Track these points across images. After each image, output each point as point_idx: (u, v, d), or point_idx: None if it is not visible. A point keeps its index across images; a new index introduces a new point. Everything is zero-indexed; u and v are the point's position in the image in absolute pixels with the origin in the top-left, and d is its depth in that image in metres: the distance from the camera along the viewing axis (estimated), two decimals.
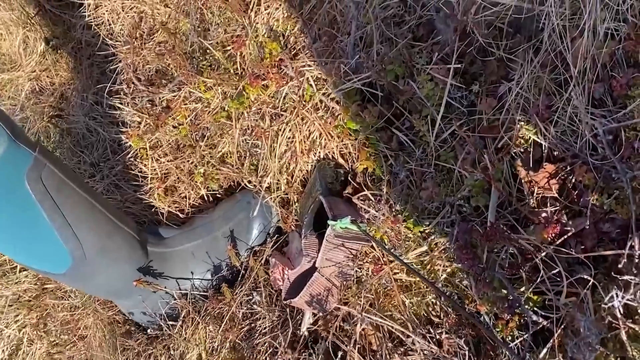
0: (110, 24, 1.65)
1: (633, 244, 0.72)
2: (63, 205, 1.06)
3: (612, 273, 0.74)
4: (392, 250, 0.97)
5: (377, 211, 0.97)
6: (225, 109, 1.30)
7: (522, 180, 0.93)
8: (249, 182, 1.32)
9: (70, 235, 1.09)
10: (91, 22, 1.67)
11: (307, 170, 1.20)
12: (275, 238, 1.28)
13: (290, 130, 1.17)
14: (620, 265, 0.72)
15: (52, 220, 1.05)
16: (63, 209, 1.06)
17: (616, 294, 0.69)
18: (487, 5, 0.93)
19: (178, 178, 1.43)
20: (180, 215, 1.43)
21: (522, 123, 0.93)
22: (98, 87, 1.55)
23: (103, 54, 1.64)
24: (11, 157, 1.00)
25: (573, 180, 0.89)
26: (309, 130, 1.14)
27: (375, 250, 1.00)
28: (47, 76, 1.87)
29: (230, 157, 1.35)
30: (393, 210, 0.97)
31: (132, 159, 1.47)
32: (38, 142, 1.08)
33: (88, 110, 1.58)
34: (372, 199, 1.00)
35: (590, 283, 0.78)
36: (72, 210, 1.08)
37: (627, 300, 0.69)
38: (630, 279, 0.69)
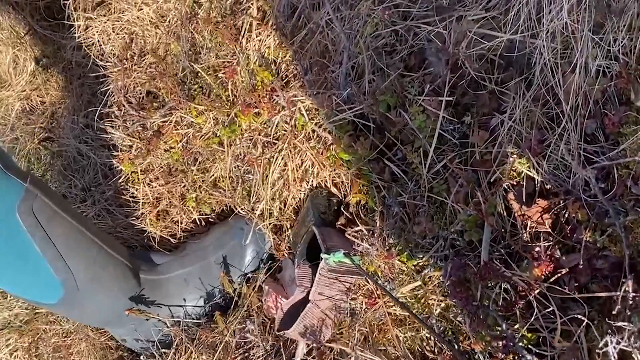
0: (100, 45, 1.64)
1: (627, 287, 0.71)
2: (54, 237, 1.05)
3: (607, 318, 0.73)
4: (385, 284, 0.97)
5: (370, 245, 0.97)
6: (217, 135, 1.30)
7: (515, 214, 0.93)
8: (242, 208, 1.31)
9: (62, 266, 1.08)
10: (81, 43, 1.66)
11: (299, 198, 1.20)
12: (268, 264, 1.28)
13: (282, 158, 1.17)
14: (614, 312, 0.71)
15: (43, 252, 1.04)
16: (54, 240, 1.05)
17: (610, 339, 0.69)
18: (479, 39, 0.93)
19: (170, 202, 1.42)
20: (173, 240, 1.42)
21: (515, 156, 0.93)
22: (89, 110, 1.53)
23: (93, 75, 1.62)
24: (2, 189, 0.99)
25: (566, 216, 0.89)
26: (302, 159, 1.14)
27: (369, 283, 0.99)
28: (38, 95, 1.85)
29: (223, 181, 1.34)
30: (386, 244, 0.96)
31: (123, 183, 1.46)
32: (29, 172, 1.08)
33: (79, 133, 1.57)
34: (366, 232, 0.99)
35: (584, 323, 0.78)
36: (63, 241, 1.07)
37: (622, 346, 0.69)
38: (624, 326, 0.69)
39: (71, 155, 1.57)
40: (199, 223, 1.41)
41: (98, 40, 1.63)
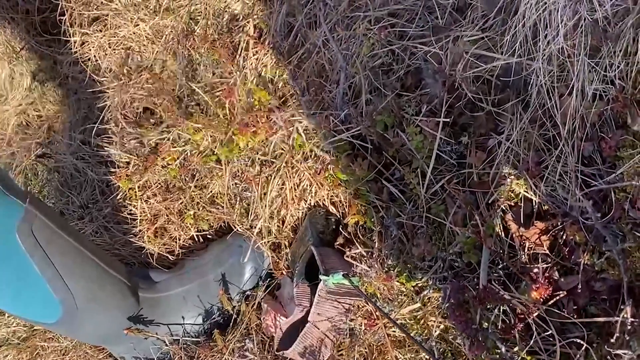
0: (97, 60, 1.64)
1: (625, 314, 0.72)
2: (54, 257, 1.05)
3: (606, 341, 0.74)
4: (384, 305, 0.97)
5: (369, 267, 0.97)
6: (215, 153, 1.30)
7: (513, 235, 0.93)
8: (240, 224, 1.31)
9: (61, 286, 1.08)
10: (78, 58, 1.66)
11: (298, 217, 1.20)
12: (267, 282, 1.28)
13: (280, 177, 1.17)
14: (612, 340, 0.72)
15: (42, 272, 1.04)
16: (54, 260, 1.05)
17: None
18: (475, 61, 0.93)
19: (168, 219, 1.42)
20: (171, 257, 1.42)
21: (512, 177, 0.93)
22: (86, 127, 1.53)
23: (90, 90, 1.62)
24: (1, 210, 0.99)
25: (564, 237, 0.89)
26: (300, 179, 1.14)
27: (368, 304, 1.00)
28: (34, 110, 1.85)
29: (221, 198, 1.34)
30: (385, 265, 0.97)
31: (121, 200, 1.46)
32: (28, 192, 1.08)
33: (76, 149, 1.57)
34: (364, 253, 0.99)
35: (583, 347, 0.78)
36: (63, 261, 1.07)
37: None
38: (623, 353, 0.69)
39: (68, 171, 1.57)
40: (197, 240, 1.41)
41: (94, 56, 1.63)
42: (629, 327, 0.75)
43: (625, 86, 0.80)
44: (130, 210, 1.44)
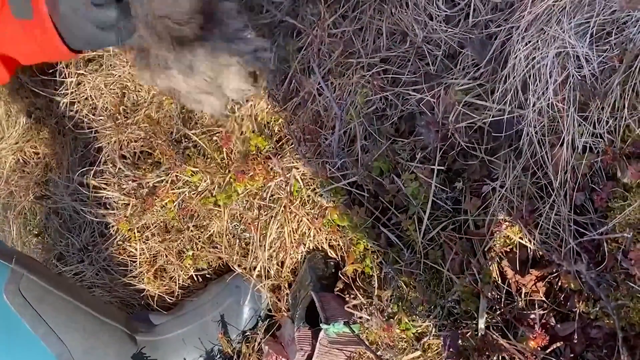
0: (93, 100, 1.65)
1: None
2: (45, 314, 1.06)
3: None
4: (386, 353, 0.98)
5: (369, 315, 0.98)
6: (213, 195, 1.31)
7: (510, 281, 0.95)
8: (239, 265, 1.32)
9: (55, 340, 1.08)
10: (74, 98, 1.67)
11: (297, 260, 1.21)
12: (267, 322, 1.29)
13: (279, 221, 1.18)
14: None
15: (34, 329, 1.05)
16: (46, 317, 1.06)
17: None
18: (467, 112, 0.96)
19: (167, 259, 1.43)
20: (170, 298, 1.43)
21: (507, 224, 0.95)
22: (84, 169, 1.54)
23: (87, 129, 1.64)
24: None
25: (560, 284, 0.91)
26: (298, 224, 1.15)
27: (369, 352, 1.01)
28: (31, 147, 1.86)
29: (220, 238, 1.36)
30: (385, 313, 0.98)
31: (120, 242, 1.47)
32: (14, 251, 1.09)
33: (74, 191, 1.58)
34: (364, 302, 1.01)
35: None
36: (55, 316, 1.08)
37: None
38: None
39: (67, 213, 1.58)
40: (196, 279, 1.42)
41: (90, 95, 1.64)
42: None
43: (614, 140, 0.82)
44: (130, 252, 1.45)
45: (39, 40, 0.90)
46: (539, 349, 0.86)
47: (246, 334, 1.31)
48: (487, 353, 0.88)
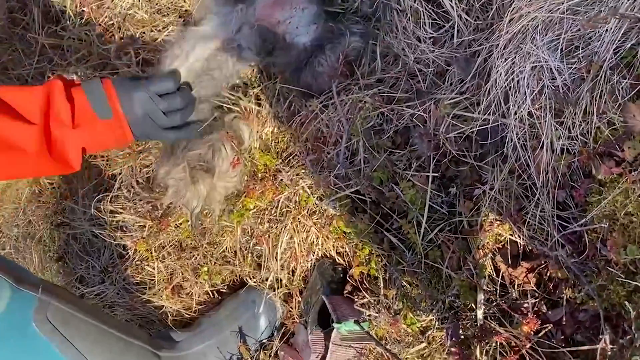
0: None
1: (603, 343, 0.83)
2: (73, 338, 1.12)
3: None
4: (394, 347, 1.07)
5: (377, 312, 1.07)
6: (225, 212, 1.40)
7: (504, 275, 1.04)
8: (252, 277, 1.41)
9: None
10: None
11: (307, 268, 1.30)
12: (282, 331, 1.37)
13: (288, 232, 1.28)
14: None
15: (64, 354, 1.11)
16: (73, 341, 1.12)
17: None
18: (456, 123, 1.06)
19: (183, 277, 1.51)
20: (187, 313, 1.51)
21: (498, 223, 1.05)
22: (99, 195, 1.63)
23: (100, 158, 1.73)
24: (16, 305, 1.07)
25: (548, 274, 1.00)
26: (307, 234, 1.25)
27: (378, 347, 1.10)
28: (46, 178, 1.95)
29: (233, 253, 1.44)
30: (391, 310, 1.07)
31: (138, 262, 1.56)
32: (41, 281, 1.16)
33: (91, 217, 1.67)
34: (372, 301, 1.10)
35: None
36: (82, 340, 1.14)
37: None
38: None
39: (86, 237, 1.66)
40: (211, 295, 1.51)
41: None
42: (609, 353, 0.85)
43: (587, 141, 0.92)
44: (148, 271, 1.53)
45: (116, 135, 1.12)
46: (532, 333, 0.95)
47: (263, 343, 1.39)
48: (485, 339, 0.97)
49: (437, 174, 1.10)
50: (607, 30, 0.87)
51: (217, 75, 1.26)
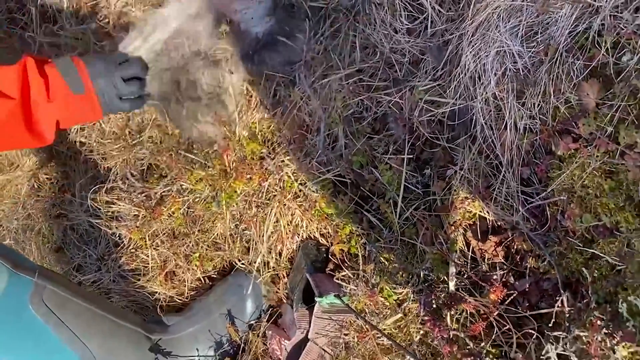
0: (100, 124, 1.82)
1: (559, 304, 0.89)
2: (68, 320, 1.19)
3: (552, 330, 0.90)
4: (372, 318, 1.13)
5: (356, 286, 1.14)
6: (215, 199, 1.47)
7: (474, 249, 1.11)
8: (241, 261, 1.47)
9: (78, 342, 1.21)
10: (84, 124, 1.84)
11: (293, 249, 1.36)
12: (269, 312, 1.43)
13: (275, 215, 1.34)
14: (549, 324, 0.88)
15: (59, 335, 1.17)
16: (68, 323, 1.19)
17: (550, 347, 0.86)
18: (429, 107, 1.12)
19: (176, 263, 1.58)
20: (179, 298, 1.57)
21: (469, 200, 1.11)
22: (95, 187, 1.70)
23: (97, 152, 1.80)
24: (13, 289, 1.12)
25: (515, 247, 1.06)
26: (292, 216, 1.31)
27: (358, 319, 1.16)
28: (45, 173, 2.02)
29: (223, 239, 1.51)
30: (369, 284, 1.13)
31: (133, 250, 1.62)
32: (37, 265, 1.22)
33: (88, 208, 1.73)
34: (351, 275, 1.16)
35: (534, 336, 0.94)
36: (76, 322, 1.20)
37: (559, 351, 0.86)
38: (559, 334, 0.86)
39: (83, 227, 1.73)
40: (202, 281, 1.57)
41: (99, 121, 1.81)
42: (567, 315, 0.91)
43: (547, 120, 0.99)
44: (142, 258, 1.60)
45: (87, 109, 1.16)
46: (498, 301, 1.01)
47: (251, 324, 1.45)
48: (455, 308, 1.03)
49: (411, 156, 1.17)
50: (561, 15, 0.94)
51: (174, 54, 1.33)
